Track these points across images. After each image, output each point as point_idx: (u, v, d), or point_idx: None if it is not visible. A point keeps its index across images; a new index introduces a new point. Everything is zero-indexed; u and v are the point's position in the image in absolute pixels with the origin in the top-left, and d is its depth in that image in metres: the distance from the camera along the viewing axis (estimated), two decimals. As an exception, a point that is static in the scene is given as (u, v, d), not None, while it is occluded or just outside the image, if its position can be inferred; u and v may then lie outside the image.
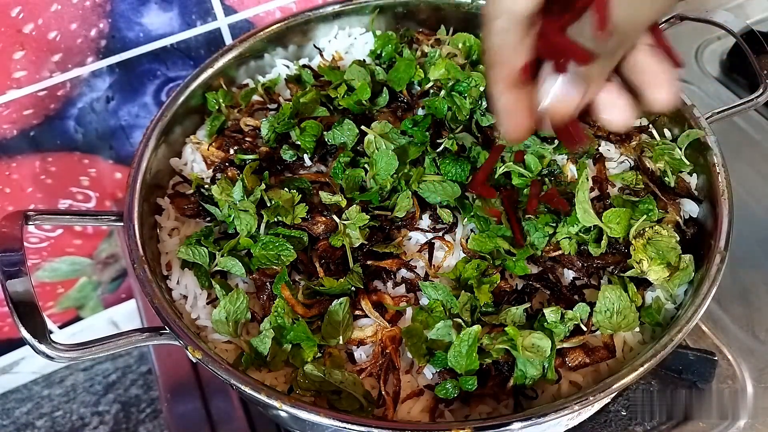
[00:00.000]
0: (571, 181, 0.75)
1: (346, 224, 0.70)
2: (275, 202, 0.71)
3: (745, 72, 1.19)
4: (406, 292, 0.69)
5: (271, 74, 0.94)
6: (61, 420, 1.43)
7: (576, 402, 0.57)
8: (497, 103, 0.52)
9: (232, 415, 0.86)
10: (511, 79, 0.51)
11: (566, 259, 0.69)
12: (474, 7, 0.95)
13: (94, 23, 0.97)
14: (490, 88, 0.53)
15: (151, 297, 0.66)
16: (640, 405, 0.81)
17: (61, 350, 0.59)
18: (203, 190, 0.77)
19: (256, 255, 0.69)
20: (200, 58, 1.08)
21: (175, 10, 1.01)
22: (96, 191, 1.17)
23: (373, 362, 0.63)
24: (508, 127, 0.53)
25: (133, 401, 1.45)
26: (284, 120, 0.79)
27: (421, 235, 0.73)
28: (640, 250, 0.67)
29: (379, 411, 0.62)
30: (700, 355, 0.80)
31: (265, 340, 0.63)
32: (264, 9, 1.09)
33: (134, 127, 1.12)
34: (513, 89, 0.52)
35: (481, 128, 0.81)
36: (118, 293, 1.39)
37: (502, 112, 0.53)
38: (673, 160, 0.77)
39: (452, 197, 0.72)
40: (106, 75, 1.03)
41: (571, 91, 0.50)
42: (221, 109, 0.86)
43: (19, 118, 1.00)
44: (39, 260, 1.21)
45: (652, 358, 0.59)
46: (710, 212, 0.72)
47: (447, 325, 0.63)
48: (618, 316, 0.63)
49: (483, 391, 0.61)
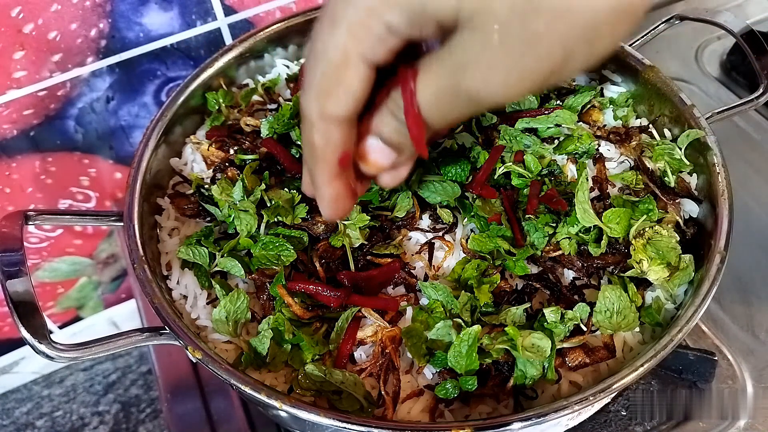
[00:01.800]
0: (571, 181, 0.75)
1: (346, 224, 0.70)
2: (275, 202, 0.71)
3: (745, 72, 1.19)
4: (405, 292, 0.69)
5: (271, 74, 0.94)
6: (61, 420, 1.43)
7: (576, 402, 0.57)
8: (324, 193, 0.55)
9: (232, 415, 0.86)
10: (334, 172, 0.53)
11: (566, 259, 0.69)
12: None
13: (94, 23, 0.97)
14: (313, 179, 0.55)
15: (151, 297, 0.66)
16: (640, 405, 0.81)
17: (61, 350, 0.59)
18: (203, 190, 0.77)
19: (256, 255, 0.69)
20: (200, 58, 1.08)
21: (175, 10, 1.01)
22: (96, 191, 1.17)
23: (373, 362, 0.63)
24: (334, 212, 0.56)
25: (133, 401, 1.45)
26: (284, 120, 0.79)
27: (421, 235, 0.73)
28: (640, 250, 0.67)
29: (379, 411, 0.62)
30: (700, 355, 0.80)
31: (264, 341, 0.63)
32: (264, 9, 1.09)
33: (134, 127, 1.12)
34: (336, 180, 0.54)
35: (481, 128, 0.81)
36: (118, 293, 1.39)
37: (329, 201, 0.55)
38: (673, 160, 0.77)
39: (452, 197, 0.72)
40: (106, 75, 1.03)
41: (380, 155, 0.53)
42: (221, 109, 0.86)
43: (19, 118, 1.00)
44: (39, 260, 1.21)
45: (652, 358, 0.59)
46: (710, 212, 0.72)
47: (447, 325, 0.63)
48: (618, 316, 0.63)
49: (483, 391, 0.61)
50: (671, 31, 0.92)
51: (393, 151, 0.53)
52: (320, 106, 0.49)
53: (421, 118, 0.47)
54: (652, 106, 0.84)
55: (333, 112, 0.49)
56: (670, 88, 0.80)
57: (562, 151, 0.77)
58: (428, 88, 0.46)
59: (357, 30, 0.45)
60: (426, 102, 0.47)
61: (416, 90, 0.46)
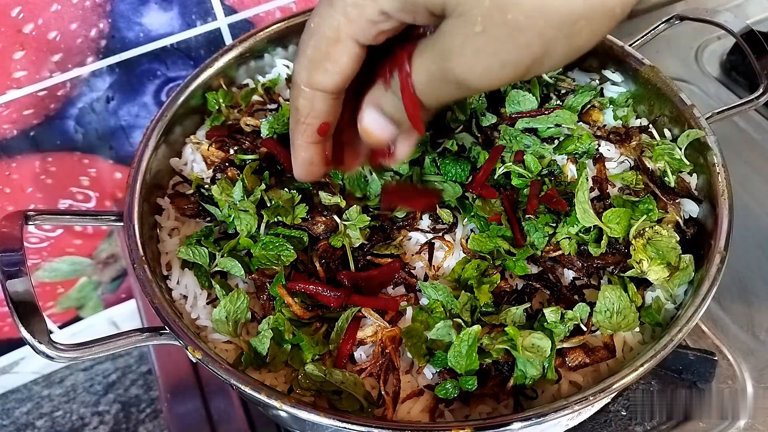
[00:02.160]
0: (571, 181, 0.75)
1: (347, 225, 0.70)
2: (275, 202, 0.71)
3: (745, 72, 1.19)
4: (405, 292, 0.69)
5: (271, 74, 0.94)
6: (61, 420, 1.43)
7: (576, 402, 0.57)
8: (298, 154, 0.60)
9: (232, 415, 0.86)
10: (313, 138, 0.58)
11: (566, 259, 0.69)
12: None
13: (94, 23, 0.97)
14: (292, 139, 0.59)
15: (151, 297, 0.66)
16: (640, 405, 0.81)
17: (61, 350, 0.59)
18: (203, 190, 0.77)
19: (256, 255, 0.69)
20: (200, 58, 1.08)
21: (175, 10, 1.01)
22: (96, 191, 1.17)
23: (373, 362, 0.63)
24: (304, 174, 0.62)
25: (133, 401, 1.45)
26: (284, 120, 0.79)
27: (421, 236, 0.73)
28: (640, 250, 0.67)
29: (379, 411, 0.62)
30: (700, 355, 0.80)
31: (264, 341, 0.63)
32: (264, 9, 1.09)
33: (134, 127, 1.12)
34: (312, 145, 0.59)
35: (481, 128, 0.81)
36: (118, 293, 1.39)
37: (301, 162, 0.61)
38: (673, 160, 0.77)
39: (452, 197, 0.72)
40: (106, 75, 1.03)
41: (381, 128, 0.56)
42: (221, 109, 0.86)
43: (19, 118, 1.01)
44: (39, 260, 1.21)
45: (652, 358, 0.59)
46: (710, 212, 0.72)
47: (447, 325, 0.63)
48: (618, 316, 0.63)
49: (483, 391, 0.61)
50: (671, 31, 0.92)
51: (392, 125, 0.55)
52: (308, 76, 0.53)
53: (417, 97, 0.50)
54: (652, 106, 0.84)
55: (320, 83, 0.53)
56: (670, 88, 0.80)
57: (562, 151, 0.77)
58: (421, 72, 0.49)
59: (351, 12, 0.48)
60: (419, 83, 0.49)
61: (411, 71, 0.49)
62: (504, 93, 0.82)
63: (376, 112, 0.55)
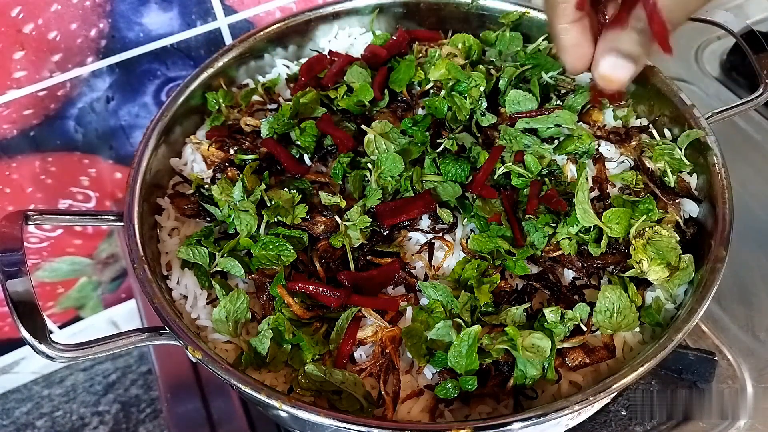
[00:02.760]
0: (571, 181, 0.75)
1: (348, 225, 0.70)
2: (275, 202, 0.71)
3: (745, 72, 1.19)
4: (405, 292, 0.69)
5: (271, 74, 0.94)
6: (61, 420, 1.43)
7: (576, 402, 0.57)
8: (562, 39, 0.61)
9: (232, 415, 0.86)
10: (572, 15, 0.59)
11: (566, 259, 0.69)
12: (474, 7, 0.95)
13: (94, 23, 0.97)
14: (552, 27, 0.62)
15: (151, 297, 0.66)
16: (640, 405, 0.81)
17: (61, 350, 0.59)
18: (203, 190, 0.77)
19: (256, 255, 0.69)
20: (200, 58, 1.08)
21: (175, 10, 1.02)
22: (96, 191, 1.17)
23: (373, 362, 0.63)
24: (574, 59, 0.63)
25: (133, 401, 1.45)
26: (284, 120, 0.79)
27: (421, 236, 0.73)
28: (640, 250, 0.67)
29: (379, 411, 0.62)
30: (700, 355, 0.80)
31: (264, 341, 0.63)
32: (264, 9, 1.09)
33: (134, 127, 1.12)
34: (574, 24, 0.60)
35: (481, 128, 0.81)
36: (118, 293, 1.39)
37: (568, 47, 0.62)
38: (673, 160, 0.77)
39: (452, 197, 0.72)
40: (106, 75, 1.03)
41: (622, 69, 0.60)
42: (221, 109, 0.86)
43: (19, 118, 1.01)
44: (39, 260, 1.21)
45: (652, 358, 0.59)
46: (710, 212, 0.72)
47: (447, 325, 0.63)
48: (618, 316, 0.63)
49: (483, 391, 0.61)
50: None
51: (631, 63, 0.59)
52: None
53: (664, 21, 0.55)
54: (652, 106, 0.84)
55: None
56: (670, 88, 0.81)
57: (562, 151, 0.77)
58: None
59: None
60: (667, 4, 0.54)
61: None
62: (504, 93, 0.82)
63: (613, 56, 0.59)
